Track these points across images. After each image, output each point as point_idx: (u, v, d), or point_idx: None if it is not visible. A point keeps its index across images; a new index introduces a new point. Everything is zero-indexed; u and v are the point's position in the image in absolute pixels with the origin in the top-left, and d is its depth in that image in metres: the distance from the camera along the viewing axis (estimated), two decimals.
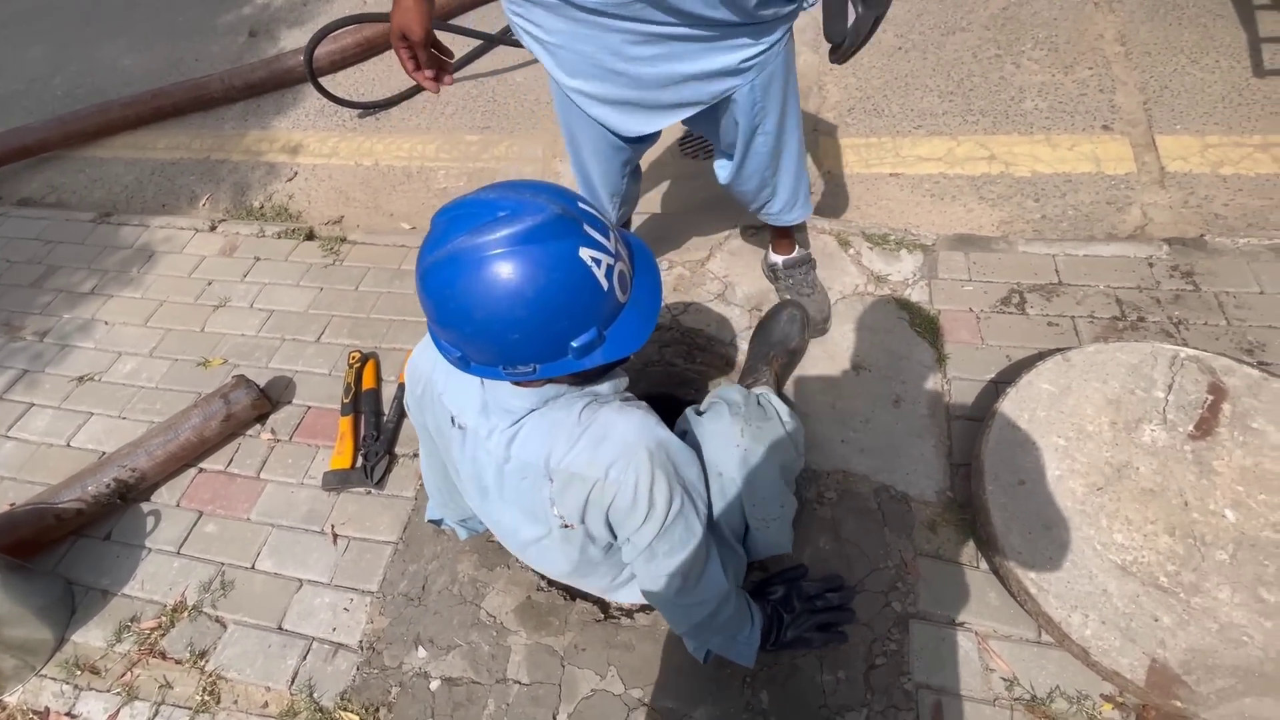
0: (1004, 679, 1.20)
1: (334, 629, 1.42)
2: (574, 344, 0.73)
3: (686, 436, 1.20)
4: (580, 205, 0.73)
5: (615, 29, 1.01)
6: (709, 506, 1.03)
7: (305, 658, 1.39)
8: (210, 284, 2.24)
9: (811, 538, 1.39)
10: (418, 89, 2.91)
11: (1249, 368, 1.30)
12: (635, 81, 1.11)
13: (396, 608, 1.43)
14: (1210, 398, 1.28)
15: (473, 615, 1.39)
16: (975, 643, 1.24)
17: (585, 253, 0.68)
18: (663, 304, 1.82)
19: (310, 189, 2.66)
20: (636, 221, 2.12)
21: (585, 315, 0.72)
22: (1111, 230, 1.96)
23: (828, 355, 1.69)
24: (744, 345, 1.74)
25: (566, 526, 0.95)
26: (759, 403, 1.27)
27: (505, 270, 0.66)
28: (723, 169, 1.41)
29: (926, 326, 1.71)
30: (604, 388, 0.92)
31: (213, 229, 2.44)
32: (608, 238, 0.73)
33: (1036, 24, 2.60)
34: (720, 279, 1.89)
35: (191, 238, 2.42)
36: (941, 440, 1.51)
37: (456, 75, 2.95)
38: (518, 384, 0.86)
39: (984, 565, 1.33)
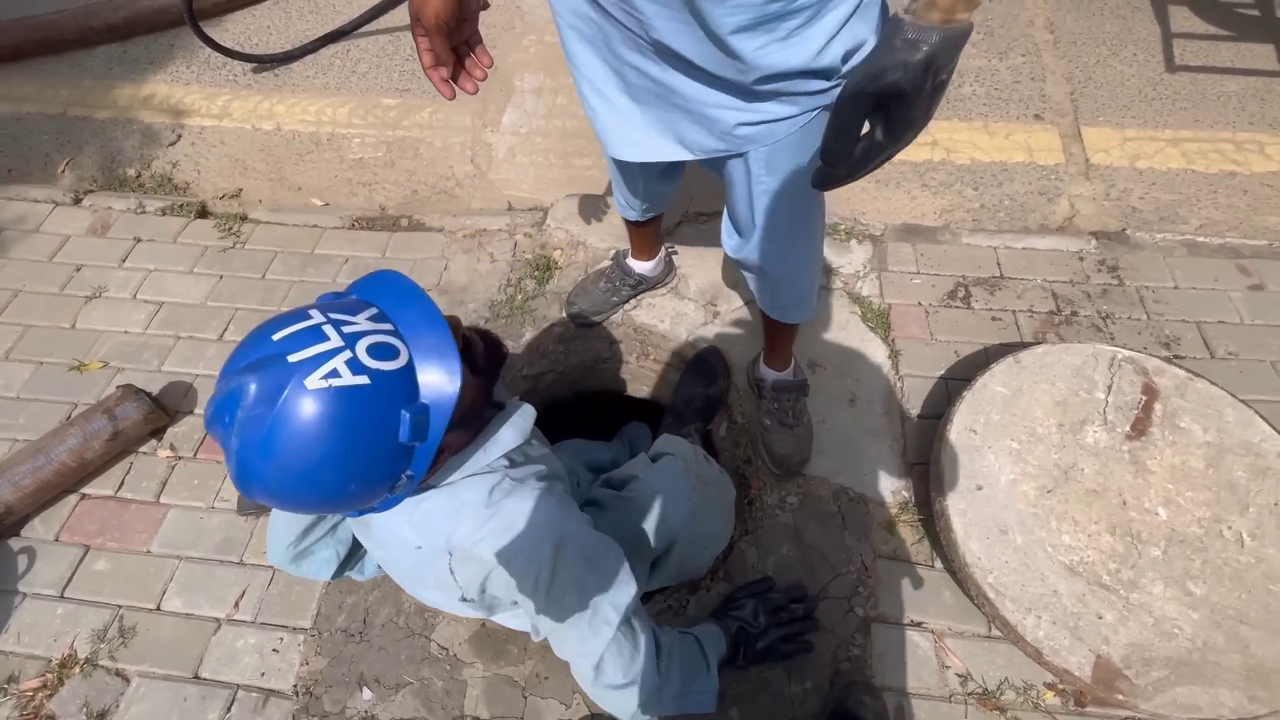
0: (959, 675, 1.24)
1: (262, 673, 1.28)
2: (402, 440, 0.63)
3: (634, 483, 1.16)
4: (273, 338, 0.61)
5: (615, 23, 0.85)
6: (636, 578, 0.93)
7: (230, 709, 1.24)
8: (79, 270, 1.91)
9: (774, 546, 1.38)
10: (324, 40, 2.57)
11: (1177, 368, 1.37)
12: (629, 89, 0.93)
13: (335, 645, 1.30)
14: (1144, 398, 1.34)
15: (423, 649, 1.28)
16: (932, 641, 1.28)
17: (313, 381, 0.58)
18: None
19: (198, 156, 2.31)
20: (567, 206, 1.98)
21: (381, 417, 0.62)
22: (1044, 221, 2.02)
23: None
24: (701, 342, 1.68)
25: (467, 600, 0.87)
26: (705, 457, 1.28)
27: (276, 470, 0.60)
28: (728, 236, 1.18)
29: (878, 322, 1.71)
30: (506, 436, 0.83)
31: (77, 202, 2.08)
32: (322, 338, 0.60)
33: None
34: (675, 272, 1.80)
35: (50, 212, 2.05)
36: (896, 439, 1.52)
37: (367, 27, 2.63)
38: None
39: (938, 564, 1.36)
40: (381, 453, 0.63)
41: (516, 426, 0.85)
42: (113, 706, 1.25)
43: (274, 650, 1.30)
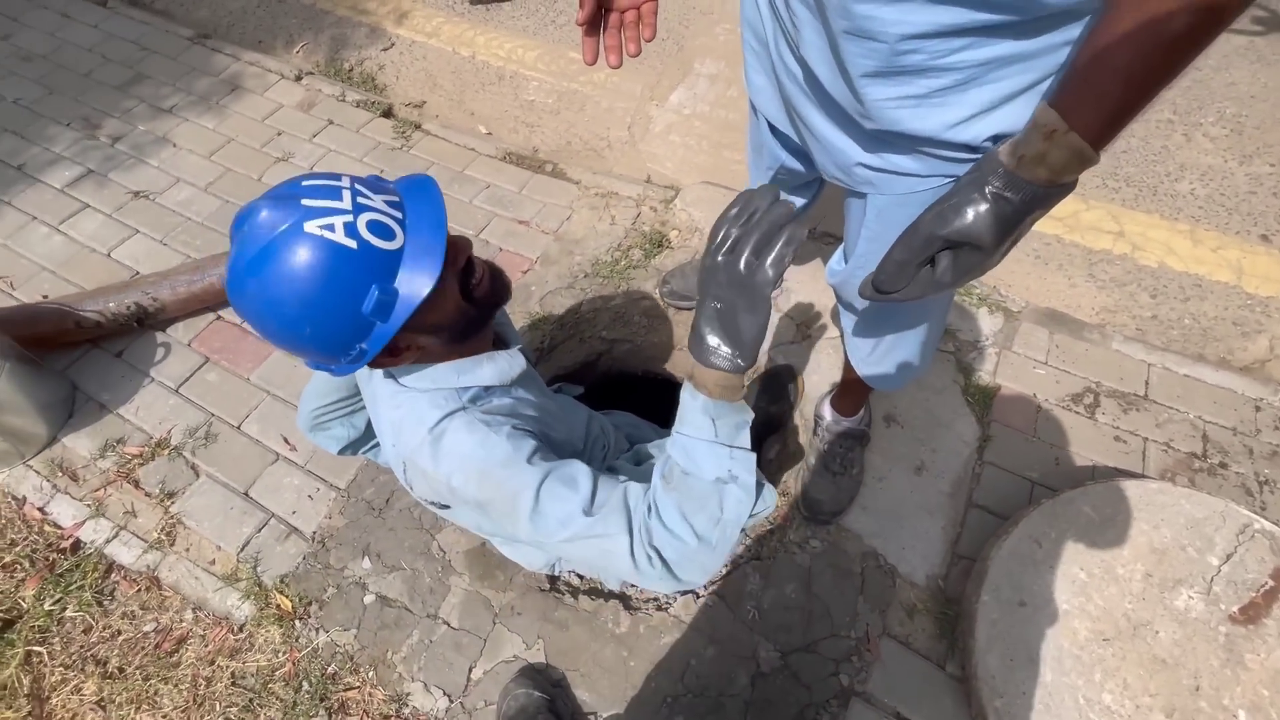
0: None
1: (294, 512, 1.43)
2: (364, 311, 0.67)
3: (652, 461, 1.12)
4: (303, 183, 0.67)
5: (779, 29, 0.80)
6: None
7: (260, 531, 1.41)
8: (280, 135, 2.21)
9: (780, 581, 1.31)
10: None
11: None
12: (782, 69, 0.86)
13: (357, 512, 1.42)
14: (1270, 583, 1.11)
15: (424, 544, 1.37)
16: None
17: (311, 225, 0.63)
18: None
19: (402, 64, 2.58)
20: (698, 192, 1.97)
21: (352, 280, 0.66)
22: (1226, 354, 1.72)
23: None
24: (780, 357, 1.62)
25: (443, 506, 0.85)
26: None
27: (259, 281, 0.65)
28: (836, 261, 1.05)
29: (979, 399, 1.55)
30: (485, 370, 0.83)
31: (298, 79, 2.40)
32: (338, 197, 0.66)
33: (1228, 97, 2.25)
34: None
35: (276, 83, 2.38)
36: (953, 524, 1.38)
37: None
38: (388, 376, 0.81)
39: (950, 669, 1.23)
40: (343, 313, 0.67)
41: (498, 367, 0.85)
42: (180, 490, 1.46)
43: (309, 496, 1.45)
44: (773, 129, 1.09)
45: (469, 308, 0.78)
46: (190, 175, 2.09)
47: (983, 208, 0.52)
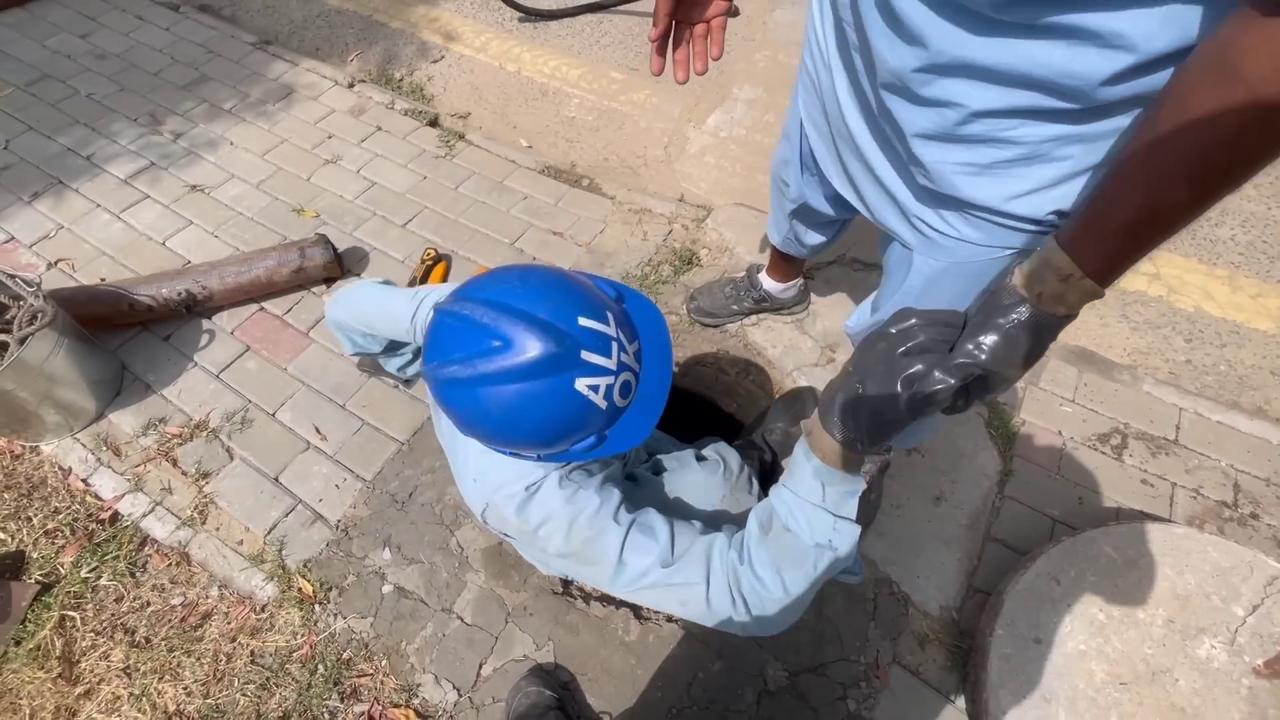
0: None
1: (320, 500, 1.48)
2: (572, 449, 0.71)
3: (670, 473, 1.14)
4: (581, 323, 0.65)
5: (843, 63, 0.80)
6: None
7: (287, 516, 1.45)
8: (330, 138, 2.31)
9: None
10: (585, 9, 2.84)
11: None
12: (831, 104, 0.86)
13: (380, 504, 1.46)
14: None
15: (444, 539, 1.40)
16: None
17: (582, 384, 0.64)
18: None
19: (450, 77, 2.67)
20: (730, 212, 2.00)
21: (582, 429, 0.69)
22: (1263, 405, 1.69)
23: None
24: (802, 379, 1.63)
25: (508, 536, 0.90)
26: (750, 481, 1.22)
27: (497, 401, 0.65)
28: (859, 313, 1.08)
29: (1003, 433, 1.54)
30: (594, 464, 0.87)
31: (350, 86, 2.51)
32: (608, 354, 0.66)
33: None
34: (806, 303, 1.76)
35: (329, 89, 2.49)
36: (969, 557, 1.37)
37: (625, 6, 2.86)
38: None
39: (960, 702, 1.21)
40: (553, 444, 0.70)
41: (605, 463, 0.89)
42: (215, 471, 1.52)
43: (336, 486, 1.50)
44: (804, 165, 1.12)
45: None
46: (244, 172, 2.19)
47: (1015, 339, 0.53)
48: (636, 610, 1.33)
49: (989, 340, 0.54)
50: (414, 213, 2.08)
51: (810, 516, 0.69)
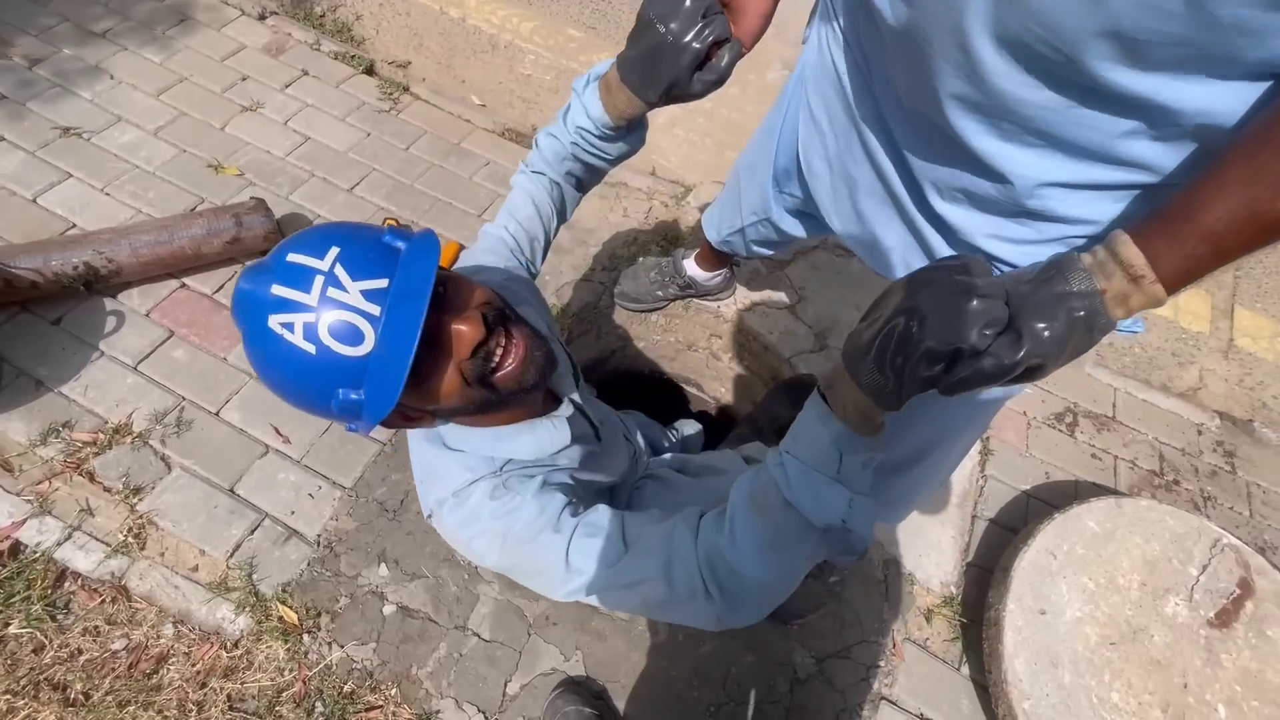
0: None
1: (292, 511, 1.28)
2: (334, 409, 0.60)
3: (717, 477, 1.07)
4: (288, 258, 0.58)
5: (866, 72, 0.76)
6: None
7: (253, 533, 1.25)
8: (244, 80, 1.95)
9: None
10: None
11: None
12: (839, 132, 0.84)
13: (368, 514, 1.30)
14: (1238, 591, 1.27)
15: (447, 550, 1.28)
16: None
17: (274, 321, 0.57)
18: (730, 297, 1.70)
19: (382, 17, 2.35)
20: (712, 191, 1.96)
21: (314, 382, 0.59)
22: (1166, 381, 1.94)
23: None
24: (801, 366, 1.64)
25: None
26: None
27: (250, 360, 0.62)
28: None
29: None
30: (522, 444, 0.75)
31: (262, 18, 2.13)
32: (306, 289, 0.57)
33: None
34: (796, 289, 1.77)
35: (236, 18, 2.10)
36: (962, 534, 1.47)
37: None
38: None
39: (965, 670, 1.31)
40: (315, 405, 0.61)
41: (538, 440, 0.77)
42: (149, 486, 1.27)
43: (310, 495, 1.31)
44: (779, 182, 1.09)
45: (486, 394, 0.67)
46: (135, 116, 1.80)
47: (1076, 332, 0.47)
48: None
49: (1053, 325, 0.46)
50: (361, 175, 1.82)
51: (822, 492, 0.59)
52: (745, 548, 0.61)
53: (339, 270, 0.58)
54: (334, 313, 0.57)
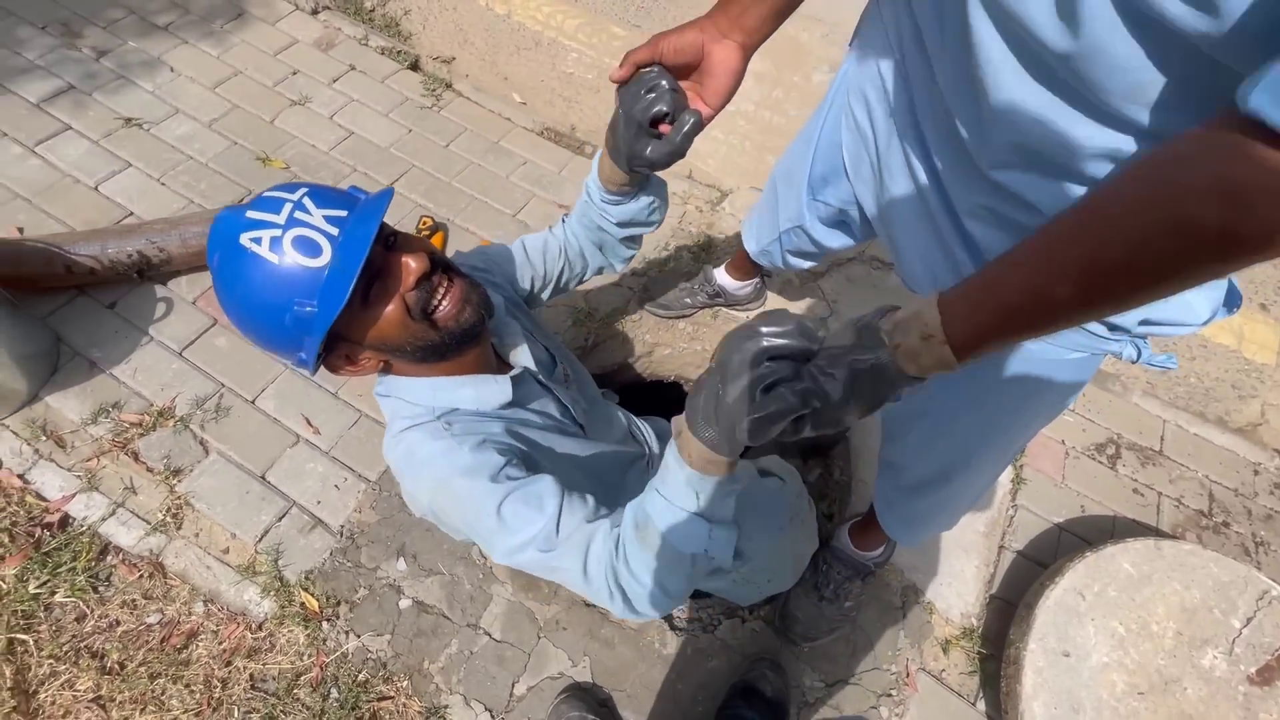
0: None
1: (319, 502, 1.33)
2: (285, 324, 0.68)
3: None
4: (265, 193, 0.69)
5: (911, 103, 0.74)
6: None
7: (281, 520, 1.30)
8: (295, 74, 2.01)
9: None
10: None
11: None
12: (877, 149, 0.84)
13: (390, 507, 1.33)
14: None
15: (464, 548, 1.30)
16: None
17: (245, 237, 0.66)
18: (759, 308, 1.68)
19: (429, 13, 2.38)
20: (748, 198, 1.92)
21: (273, 293, 0.66)
22: (1224, 415, 1.83)
23: None
24: None
25: None
26: (810, 502, 1.20)
27: (215, 287, 0.71)
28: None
29: None
30: (463, 394, 0.79)
31: (315, 13, 2.18)
32: (277, 210, 0.66)
33: None
34: (829, 301, 1.74)
35: (290, 13, 2.16)
36: (986, 565, 1.42)
37: None
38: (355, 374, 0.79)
39: (981, 705, 1.27)
40: (271, 323, 0.68)
41: (478, 393, 0.80)
42: (188, 469, 1.33)
43: (336, 486, 1.35)
44: (814, 190, 1.06)
45: (428, 330, 0.72)
46: (191, 107, 1.87)
47: (859, 382, 0.50)
48: (671, 621, 1.30)
49: (838, 374, 0.50)
50: (401, 171, 1.86)
51: (682, 527, 0.63)
52: (635, 567, 0.67)
53: (306, 200, 0.68)
54: (298, 230, 0.66)
